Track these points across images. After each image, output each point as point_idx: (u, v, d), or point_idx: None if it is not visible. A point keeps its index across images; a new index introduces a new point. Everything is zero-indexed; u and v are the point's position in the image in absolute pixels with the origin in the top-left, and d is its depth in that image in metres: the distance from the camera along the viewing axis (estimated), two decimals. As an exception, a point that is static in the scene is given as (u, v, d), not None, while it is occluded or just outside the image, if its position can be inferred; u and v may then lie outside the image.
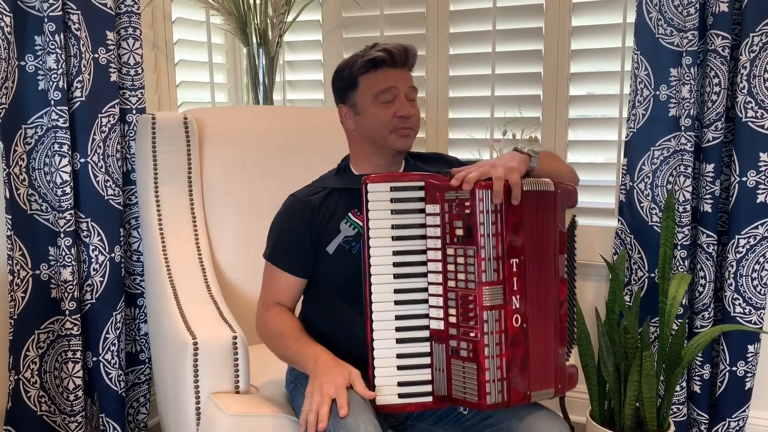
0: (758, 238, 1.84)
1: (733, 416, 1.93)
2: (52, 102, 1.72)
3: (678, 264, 1.90)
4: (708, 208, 1.87)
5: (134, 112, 1.95)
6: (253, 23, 2.32)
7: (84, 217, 1.84)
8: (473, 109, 2.33)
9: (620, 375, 1.78)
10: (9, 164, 1.69)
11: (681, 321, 1.82)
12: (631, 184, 1.99)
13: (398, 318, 1.27)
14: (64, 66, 1.72)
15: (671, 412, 1.93)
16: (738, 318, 1.88)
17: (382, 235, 1.27)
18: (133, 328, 2.04)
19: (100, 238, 1.87)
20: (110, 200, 1.88)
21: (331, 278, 1.42)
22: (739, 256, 1.85)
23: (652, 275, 1.97)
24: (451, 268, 1.24)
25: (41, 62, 1.72)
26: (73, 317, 1.80)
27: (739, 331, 1.87)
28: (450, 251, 1.24)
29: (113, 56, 1.87)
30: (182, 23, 2.36)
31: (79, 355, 1.82)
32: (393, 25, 2.40)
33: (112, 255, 1.90)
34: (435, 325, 1.27)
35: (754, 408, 1.97)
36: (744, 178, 1.82)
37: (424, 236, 1.27)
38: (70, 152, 1.77)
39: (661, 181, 1.94)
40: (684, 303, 1.89)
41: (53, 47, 1.70)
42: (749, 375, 1.90)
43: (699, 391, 1.94)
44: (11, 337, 1.71)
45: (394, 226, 1.27)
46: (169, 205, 1.85)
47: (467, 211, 1.22)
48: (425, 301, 1.27)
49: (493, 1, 2.23)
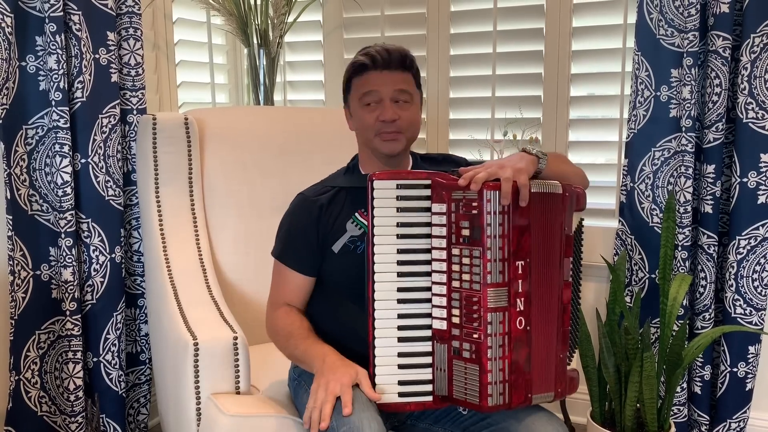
0: (759, 239, 1.84)
1: (734, 417, 1.92)
2: (53, 102, 1.72)
3: (679, 265, 1.90)
4: (709, 209, 1.87)
5: (135, 112, 1.96)
6: (253, 24, 2.32)
7: (85, 217, 1.84)
8: (474, 110, 2.33)
9: (621, 376, 1.78)
10: (10, 165, 1.69)
11: (682, 322, 1.81)
12: (631, 184, 1.99)
13: (401, 317, 1.27)
14: (65, 66, 1.72)
15: (672, 413, 1.93)
16: (739, 319, 1.88)
17: (387, 233, 1.26)
18: (133, 328, 2.04)
19: (100, 238, 1.87)
20: (111, 201, 1.89)
21: (336, 277, 1.42)
22: (739, 257, 1.85)
23: (653, 276, 1.97)
24: (455, 268, 1.24)
25: (42, 63, 1.72)
26: (74, 318, 1.80)
27: (739, 332, 1.87)
28: (455, 251, 1.24)
29: (114, 57, 1.87)
30: (183, 24, 2.36)
31: (79, 355, 1.82)
32: (394, 26, 2.40)
33: (113, 255, 1.90)
34: (437, 325, 1.26)
35: (755, 409, 1.97)
36: (745, 179, 1.82)
37: (429, 235, 1.27)
38: (70, 153, 1.77)
39: (661, 182, 1.94)
40: (685, 304, 1.89)
41: (54, 48, 1.70)
42: (750, 376, 1.90)
43: (700, 392, 1.94)
44: (12, 338, 1.71)
45: (399, 224, 1.27)
46: (170, 206, 1.85)
47: (474, 212, 1.21)
48: (428, 300, 1.27)
49: (493, 1, 2.23)
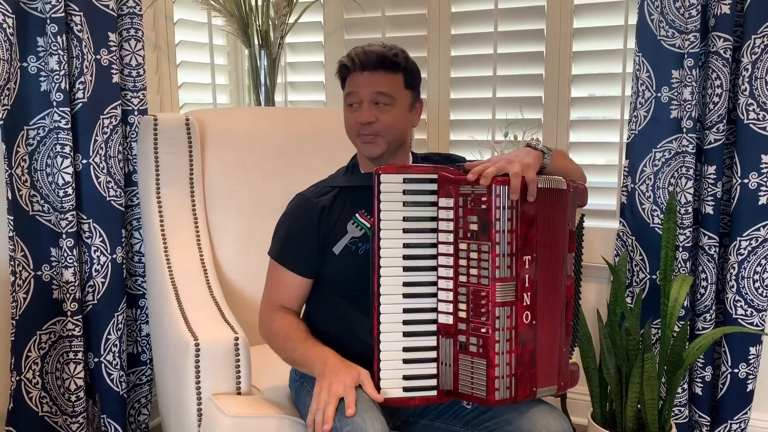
0: (760, 240, 1.84)
1: (735, 418, 1.92)
2: (54, 103, 1.72)
3: (679, 266, 1.90)
4: (709, 209, 1.87)
5: (136, 113, 1.96)
6: (254, 25, 2.33)
7: (86, 218, 1.84)
8: (475, 111, 2.33)
9: (622, 377, 1.78)
10: (11, 165, 1.69)
11: (682, 323, 1.81)
12: (632, 185, 1.99)
13: (406, 311, 1.26)
14: (66, 67, 1.73)
15: (673, 414, 1.93)
16: (740, 320, 1.88)
17: (393, 227, 1.26)
18: (134, 329, 2.04)
19: (101, 239, 1.87)
20: (112, 201, 1.89)
21: (337, 279, 1.41)
22: (740, 258, 1.85)
23: (654, 277, 1.97)
24: (462, 262, 1.24)
25: (43, 63, 1.72)
26: (75, 318, 1.80)
27: (740, 333, 1.87)
28: (462, 246, 1.24)
29: (115, 57, 1.87)
30: (184, 24, 2.37)
31: (80, 356, 1.82)
32: (394, 27, 2.40)
33: (114, 256, 1.90)
34: (443, 320, 1.26)
35: (756, 410, 1.97)
36: (746, 180, 1.82)
37: (435, 230, 1.26)
38: (72, 153, 1.77)
39: (662, 182, 1.94)
40: (685, 305, 1.89)
41: (55, 48, 1.70)
42: (751, 377, 1.90)
43: (701, 393, 1.94)
44: (13, 338, 1.72)
45: (405, 219, 1.26)
46: (171, 207, 1.85)
47: (483, 206, 1.21)
48: (434, 295, 1.27)
49: (494, 2, 2.23)
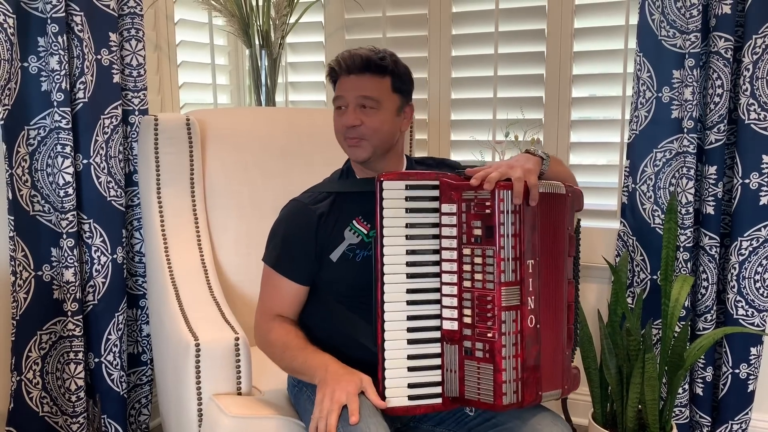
0: (761, 240, 1.84)
1: (736, 419, 1.92)
2: (55, 103, 1.72)
3: (680, 266, 1.89)
4: (710, 210, 1.87)
5: (137, 113, 1.96)
6: (255, 25, 2.32)
7: (86, 218, 1.84)
8: (475, 111, 2.33)
9: (622, 377, 1.78)
10: (12, 165, 1.69)
11: (683, 323, 1.81)
12: (633, 186, 1.99)
13: (410, 318, 1.26)
14: (67, 67, 1.73)
15: (674, 414, 1.93)
16: (740, 320, 1.88)
17: (396, 234, 1.26)
18: (135, 329, 2.04)
19: (102, 239, 1.87)
20: (112, 201, 1.89)
21: (335, 286, 1.40)
22: (741, 258, 1.85)
23: (655, 277, 1.97)
24: (467, 268, 1.24)
25: (44, 63, 1.72)
26: (75, 318, 1.80)
27: (741, 333, 1.87)
28: (466, 251, 1.24)
29: (116, 57, 1.87)
30: (185, 25, 2.37)
31: (81, 356, 1.82)
32: (395, 27, 2.40)
33: (114, 256, 1.90)
34: (448, 326, 1.26)
35: (757, 410, 1.97)
36: (746, 180, 1.82)
37: (437, 236, 1.26)
38: (72, 153, 1.77)
39: (663, 183, 1.94)
40: (686, 305, 1.88)
41: (56, 48, 1.70)
42: (752, 377, 1.90)
43: (701, 394, 1.94)
44: (13, 338, 1.72)
45: (408, 225, 1.26)
46: (172, 207, 1.85)
47: (487, 211, 1.21)
48: (438, 301, 1.26)
49: (495, 2, 2.23)
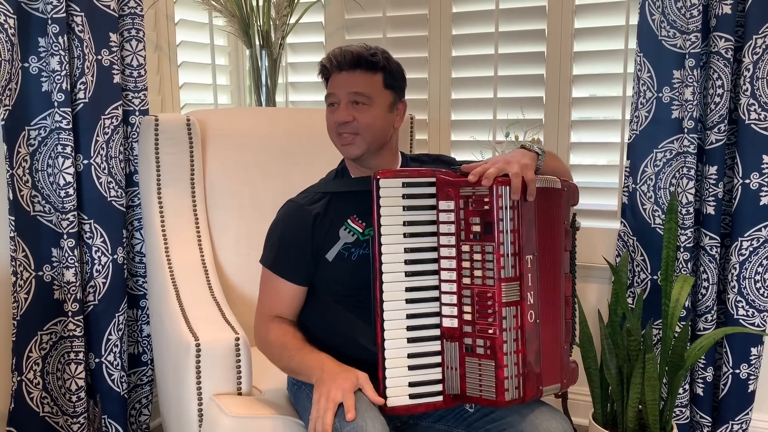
0: (761, 240, 1.84)
1: (736, 419, 1.92)
2: (56, 104, 1.72)
3: (681, 266, 1.89)
4: (711, 210, 1.87)
5: (137, 113, 1.96)
6: (255, 25, 2.33)
7: (87, 218, 1.84)
8: (476, 111, 2.33)
9: (623, 377, 1.78)
10: (12, 166, 1.69)
11: (684, 323, 1.81)
12: (633, 186, 1.99)
13: (410, 317, 1.25)
14: (67, 68, 1.73)
15: (674, 414, 1.93)
16: (741, 320, 1.88)
17: (393, 232, 1.25)
18: (135, 329, 2.04)
19: (102, 239, 1.87)
20: (113, 202, 1.89)
21: (331, 285, 1.40)
22: (742, 258, 1.85)
23: (655, 277, 1.97)
24: (466, 264, 1.23)
25: (45, 64, 1.72)
26: (76, 318, 1.80)
27: (742, 333, 1.87)
28: (465, 248, 1.23)
29: (116, 58, 1.87)
30: (185, 25, 2.37)
31: (81, 356, 1.82)
32: (395, 27, 2.40)
33: (115, 256, 1.90)
34: (448, 323, 1.25)
35: (757, 411, 1.97)
36: (747, 180, 1.82)
37: (435, 233, 1.26)
38: (73, 154, 1.77)
39: (663, 183, 1.94)
40: (687, 305, 1.88)
41: (57, 49, 1.70)
42: (752, 378, 1.90)
43: (702, 394, 1.94)
44: (14, 339, 1.72)
45: (406, 223, 1.26)
46: (172, 207, 1.85)
47: (486, 207, 1.21)
48: (437, 299, 1.26)
49: (495, 3, 2.23)
